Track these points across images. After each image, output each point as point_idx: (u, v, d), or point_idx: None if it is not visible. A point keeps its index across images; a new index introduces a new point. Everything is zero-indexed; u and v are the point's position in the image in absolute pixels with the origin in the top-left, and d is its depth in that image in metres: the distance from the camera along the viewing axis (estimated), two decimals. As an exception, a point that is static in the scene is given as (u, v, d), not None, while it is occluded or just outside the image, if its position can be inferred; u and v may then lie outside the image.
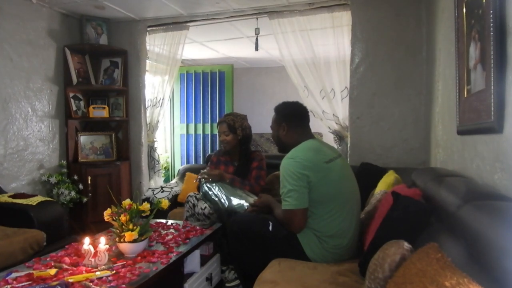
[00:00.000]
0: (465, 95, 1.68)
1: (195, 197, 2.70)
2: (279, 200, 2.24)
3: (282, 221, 1.96)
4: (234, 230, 2.08)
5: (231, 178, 2.71)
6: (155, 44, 4.05)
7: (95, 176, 3.70)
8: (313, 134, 2.15)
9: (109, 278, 1.56)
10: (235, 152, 2.91)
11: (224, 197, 2.53)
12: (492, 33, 1.28)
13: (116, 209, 1.90)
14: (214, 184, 2.60)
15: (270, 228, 1.99)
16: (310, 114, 2.29)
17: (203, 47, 5.01)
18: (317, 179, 1.87)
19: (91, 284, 1.49)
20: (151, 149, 4.16)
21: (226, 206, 2.50)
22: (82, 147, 3.82)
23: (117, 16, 3.81)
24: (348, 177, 2.05)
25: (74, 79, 3.71)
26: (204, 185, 2.62)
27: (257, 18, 3.67)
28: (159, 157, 4.29)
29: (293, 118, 2.13)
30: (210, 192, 2.58)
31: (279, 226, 1.99)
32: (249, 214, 2.29)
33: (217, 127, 2.96)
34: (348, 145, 3.41)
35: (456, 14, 1.78)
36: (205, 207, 2.61)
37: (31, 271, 1.62)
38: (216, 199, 2.55)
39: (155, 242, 2.09)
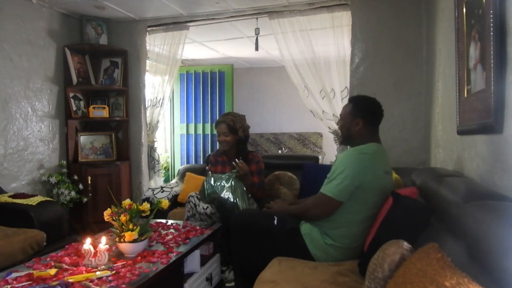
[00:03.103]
0: (465, 95, 1.68)
1: (197, 197, 2.70)
2: (290, 205, 2.21)
3: (309, 205, 1.93)
4: (238, 223, 2.07)
5: (251, 183, 2.73)
6: (155, 44, 4.05)
7: (95, 176, 3.70)
8: (379, 137, 2.07)
9: (109, 278, 1.56)
10: (232, 153, 2.91)
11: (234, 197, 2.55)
12: (492, 33, 1.28)
13: (116, 209, 1.89)
14: (227, 184, 2.61)
15: (275, 222, 1.99)
16: (310, 114, 2.28)
17: (203, 47, 5.01)
18: (370, 182, 1.84)
19: (91, 284, 1.49)
20: (151, 149, 4.16)
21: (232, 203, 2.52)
22: (82, 147, 3.82)
23: (117, 16, 3.81)
24: (388, 194, 1.98)
25: (74, 79, 3.71)
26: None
27: (257, 18, 3.67)
28: (159, 157, 4.29)
29: (370, 116, 2.02)
30: (224, 190, 2.59)
31: (284, 221, 1.98)
32: (253, 210, 2.28)
33: (215, 127, 2.93)
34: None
35: (456, 14, 1.78)
36: (207, 207, 2.61)
37: (31, 271, 1.62)
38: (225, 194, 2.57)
39: (155, 242, 2.09)
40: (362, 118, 2.01)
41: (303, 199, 2.11)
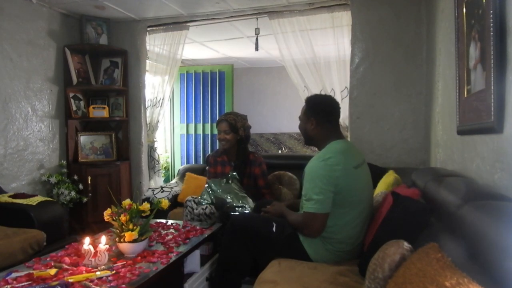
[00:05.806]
0: (465, 95, 1.68)
1: (194, 201, 2.70)
2: (287, 205, 2.20)
3: (300, 224, 1.91)
4: (234, 226, 2.06)
5: (259, 186, 2.86)
6: (155, 44, 4.05)
7: (95, 176, 3.70)
8: (341, 133, 2.08)
9: (109, 278, 1.56)
10: (232, 152, 2.91)
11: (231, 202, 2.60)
12: (492, 33, 1.28)
13: (116, 209, 1.89)
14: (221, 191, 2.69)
15: (274, 229, 1.98)
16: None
17: (203, 47, 5.01)
18: (345, 184, 1.82)
19: (91, 284, 1.49)
20: (151, 149, 4.16)
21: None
22: (82, 147, 3.82)
23: (117, 16, 3.81)
24: (370, 184, 2.01)
25: (74, 79, 3.70)
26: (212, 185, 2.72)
27: (257, 18, 3.67)
28: (159, 157, 4.29)
29: (323, 114, 2.01)
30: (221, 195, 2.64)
31: (283, 228, 1.98)
32: (252, 213, 2.27)
33: (217, 125, 2.93)
34: (348, 145, 3.41)
35: (456, 14, 1.78)
36: (206, 207, 2.61)
37: (31, 271, 1.62)
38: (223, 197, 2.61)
39: (155, 242, 2.09)
40: (314, 116, 2.01)
41: (299, 200, 2.10)
